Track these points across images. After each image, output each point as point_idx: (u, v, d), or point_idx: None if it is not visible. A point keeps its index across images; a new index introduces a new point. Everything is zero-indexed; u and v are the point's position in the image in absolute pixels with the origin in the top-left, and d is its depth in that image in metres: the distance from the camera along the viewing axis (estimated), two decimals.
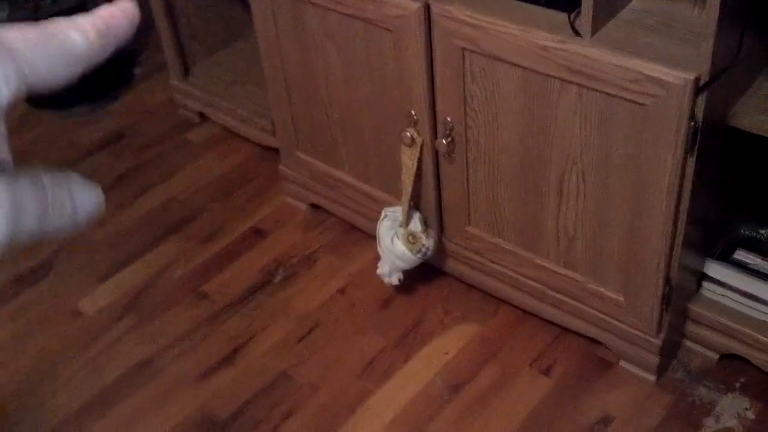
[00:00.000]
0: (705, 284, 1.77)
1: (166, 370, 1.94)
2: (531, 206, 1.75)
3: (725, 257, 1.75)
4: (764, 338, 1.70)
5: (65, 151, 2.64)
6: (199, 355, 1.97)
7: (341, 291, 2.09)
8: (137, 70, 2.95)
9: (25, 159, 2.62)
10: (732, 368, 1.81)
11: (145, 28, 3.03)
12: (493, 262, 1.92)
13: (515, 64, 1.57)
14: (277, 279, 2.14)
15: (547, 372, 1.85)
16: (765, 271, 1.71)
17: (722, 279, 1.75)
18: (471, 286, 2.03)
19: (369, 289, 2.07)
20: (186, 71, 2.62)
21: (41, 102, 2.78)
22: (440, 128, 1.79)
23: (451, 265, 2.03)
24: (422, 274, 2.06)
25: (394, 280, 1.95)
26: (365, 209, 2.12)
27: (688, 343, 1.83)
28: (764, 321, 1.71)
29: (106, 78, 2.81)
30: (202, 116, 2.66)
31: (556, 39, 1.50)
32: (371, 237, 2.06)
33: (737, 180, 1.80)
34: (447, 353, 1.92)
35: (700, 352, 1.82)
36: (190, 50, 2.61)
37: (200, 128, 2.67)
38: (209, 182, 2.46)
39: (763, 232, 1.78)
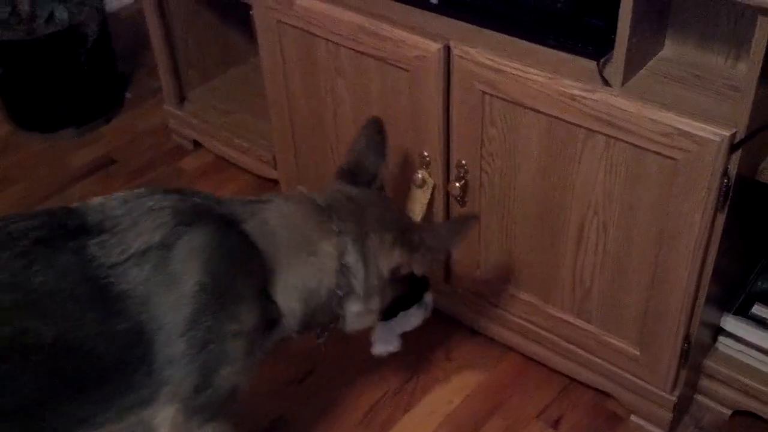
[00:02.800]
0: (721, 339, 1.73)
1: None
2: (546, 254, 1.70)
3: (742, 312, 1.72)
4: None
5: (54, 174, 2.56)
6: None
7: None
8: (129, 94, 2.87)
9: (12, 181, 2.53)
10: (745, 425, 1.76)
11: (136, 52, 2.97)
12: (501, 309, 1.87)
13: (539, 111, 1.53)
14: None
15: (555, 425, 1.80)
16: None
17: (739, 334, 1.71)
18: (476, 332, 1.97)
19: (369, 331, 2.01)
20: (181, 98, 2.55)
21: (26, 123, 2.70)
22: (453, 171, 1.74)
23: (457, 309, 1.97)
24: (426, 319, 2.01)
25: (396, 345, 1.74)
26: None
27: (700, 398, 1.79)
28: None
29: (96, 101, 2.73)
30: (197, 144, 2.59)
31: (585, 88, 1.45)
32: None
33: (757, 233, 1.76)
34: (451, 402, 1.85)
35: (713, 407, 1.78)
36: (186, 76, 2.54)
37: (194, 156, 2.60)
38: None
39: None
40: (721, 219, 1.43)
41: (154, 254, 1.25)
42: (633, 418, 1.78)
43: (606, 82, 1.45)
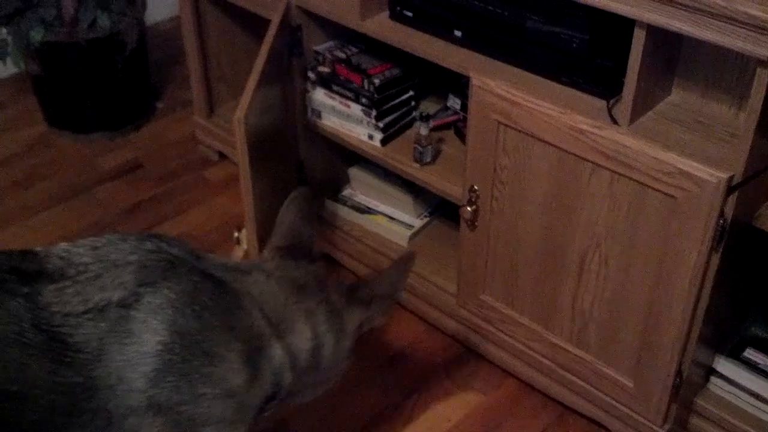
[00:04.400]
0: (713, 379, 1.78)
1: None
2: (549, 282, 1.76)
3: (735, 354, 1.76)
4: None
5: (84, 174, 2.65)
6: None
7: None
8: (160, 104, 2.97)
9: (43, 177, 2.63)
10: None
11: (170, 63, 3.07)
12: (503, 333, 1.93)
13: (549, 143, 1.60)
14: None
15: None
16: None
17: (731, 376, 1.75)
18: (478, 355, 2.03)
19: (376, 344, 2.07)
20: (210, 110, 2.65)
21: (60, 122, 2.80)
22: (466, 195, 1.81)
23: (461, 331, 2.03)
24: (430, 337, 2.07)
25: None
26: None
27: None
28: None
29: (129, 107, 2.83)
30: (222, 156, 2.68)
31: (593, 124, 1.53)
32: None
33: (752, 279, 1.81)
34: (449, 421, 1.91)
35: None
36: (217, 91, 2.64)
37: (218, 167, 2.69)
38: (223, 222, 2.46)
39: None
40: (716, 259, 1.49)
41: (113, 312, 1.20)
42: None
43: (614, 121, 1.53)
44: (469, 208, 1.80)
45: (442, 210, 2.23)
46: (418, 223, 2.22)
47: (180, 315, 1.23)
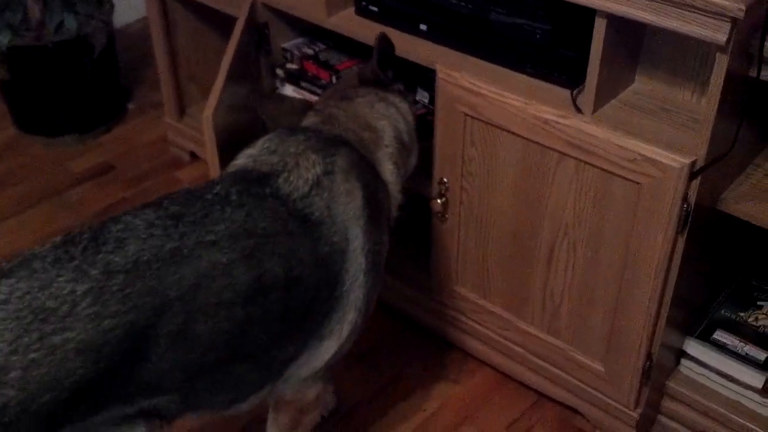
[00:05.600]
0: (683, 362, 1.81)
1: None
2: (520, 271, 1.78)
3: (705, 337, 1.79)
4: (738, 419, 1.73)
5: (55, 177, 2.64)
6: None
7: None
8: (131, 106, 2.96)
9: (14, 182, 2.62)
10: None
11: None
12: (477, 323, 1.95)
13: (515, 134, 1.62)
14: None
15: None
16: (742, 353, 1.74)
17: (701, 358, 1.78)
18: (452, 345, 2.05)
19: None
20: (181, 111, 2.65)
21: (30, 127, 2.79)
22: (436, 188, 1.82)
23: (435, 322, 2.05)
24: (404, 329, 2.08)
25: None
26: None
27: (663, 419, 1.86)
28: (739, 402, 1.74)
29: (99, 110, 2.82)
30: (194, 156, 2.68)
31: (558, 113, 1.55)
32: None
33: (721, 263, 1.85)
34: (425, 411, 1.92)
35: (675, 428, 1.84)
36: (188, 91, 2.63)
37: (191, 167, 2.69)
38: None
39: (742, 315, 1.82)
40: (681, 242, 1.52)
41: (325, 181, 1.40)
42: None
43: (578, 110, 1.55)
44: (438, 201, 1.82)
45: (414, 205, 2.24)
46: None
47: (359, 172, 1.46)
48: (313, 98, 2.06)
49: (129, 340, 1.15)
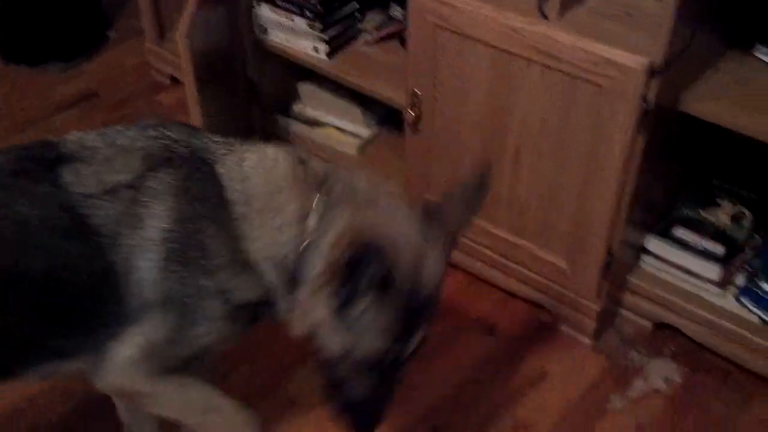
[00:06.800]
0: (644, 258, 1.92)
1: None
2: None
3: (665, 233, 1.90)
4: (696, 310, 1.85)
5: (38, 105, 2.70)
6: None
7: None
8: (112, 33, 3.00)
9: None
10: (664, 337, 1.95)
11: None
12: None
13: (484, 42, 1.70)
14: None
15: (491, 332, 1.99)
16: (701, 248, 1.85)
17: (660, 253, 1.89)
18: None
19: None
20: (162, 35, 2.70)
21: (15, 56, 2.83)
22: (408, 99, 1.90)
23: None
24: None
25: None
26: None
27: (625, 312, 1.98)
28: (697, 294, 1.86)
29: (81, 38, 2.87)
30: (174, 80, 2.74)
31: (526, 21, 1.63)
32: None
33: (683, 163, 1.94)
34: None
35: (636, 321, 1.97)
36: (168, 15, 2.67)
37: (171, 91, 2.75)
38: None
39: (702, 212, 1.92)
40: (641, 141, 1.62)
41: (125, 193, 1.23)
42: (562, 327, 1.97)
43: (544, 16, 1.63)
44: (411, 112, 1.90)
45: (390, 120, 2.32)
46: (366, 133, 2.31)
47: (179, 201, 1.24)
48: (291, 18, 2.11)
49: None
